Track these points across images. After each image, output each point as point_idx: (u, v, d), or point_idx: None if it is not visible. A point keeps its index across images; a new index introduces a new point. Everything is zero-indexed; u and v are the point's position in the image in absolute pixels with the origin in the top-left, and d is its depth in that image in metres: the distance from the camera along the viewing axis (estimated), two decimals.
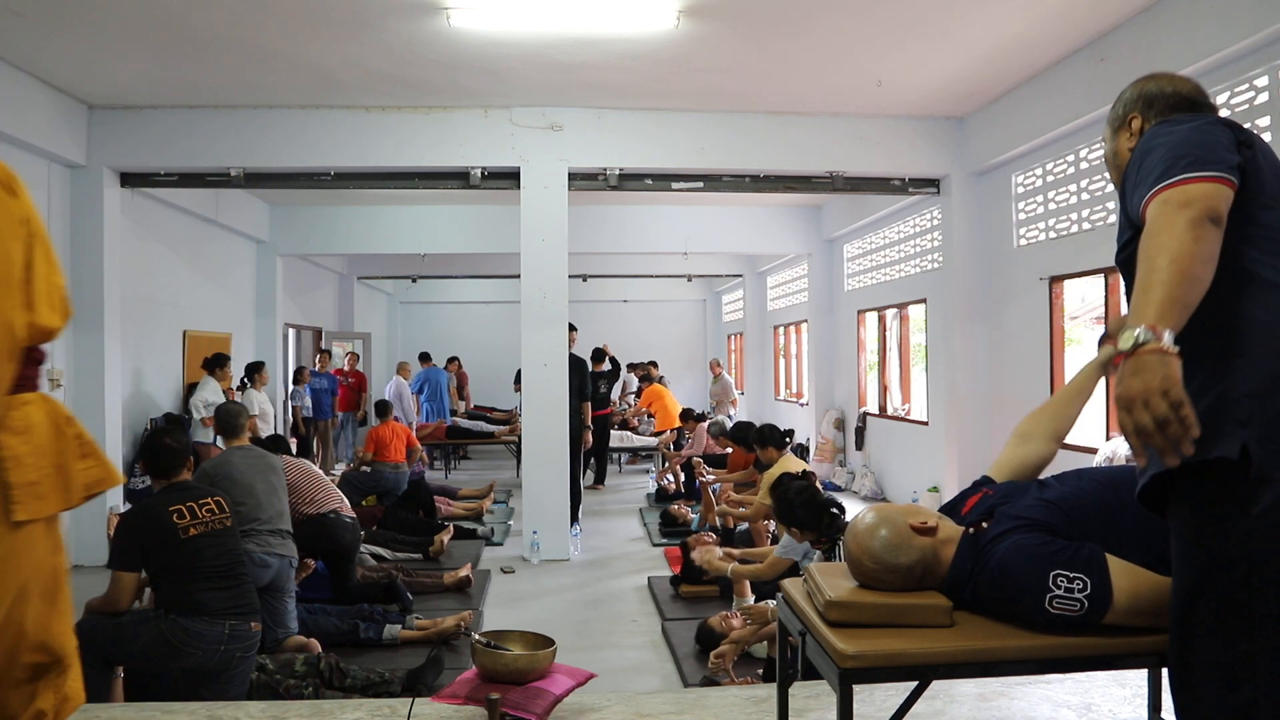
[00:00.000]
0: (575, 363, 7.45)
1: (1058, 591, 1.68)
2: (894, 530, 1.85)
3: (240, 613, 3.26)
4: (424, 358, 12.79)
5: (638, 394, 13.59)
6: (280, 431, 9.83)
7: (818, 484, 4.44)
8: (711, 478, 7.14)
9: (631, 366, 15.06)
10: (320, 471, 5.41)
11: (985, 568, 1.80)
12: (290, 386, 11.00)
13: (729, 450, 7.72)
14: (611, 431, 10.65)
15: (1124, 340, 1.31)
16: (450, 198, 9.94)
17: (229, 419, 4.36)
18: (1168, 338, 1.29)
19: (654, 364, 13.49)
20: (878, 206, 8.90)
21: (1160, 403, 1.27)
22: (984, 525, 1.89)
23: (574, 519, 7.09)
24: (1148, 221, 1.44)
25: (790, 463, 5.29)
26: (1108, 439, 5.50)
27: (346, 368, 12.09)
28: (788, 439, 5.75)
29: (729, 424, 8.85)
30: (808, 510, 3.78)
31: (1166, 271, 1.33)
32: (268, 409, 8.05)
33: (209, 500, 3.37)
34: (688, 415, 9.93)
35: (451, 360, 13.71)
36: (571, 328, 7.34)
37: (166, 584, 3.20)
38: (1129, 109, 1.79)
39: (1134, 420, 1.29)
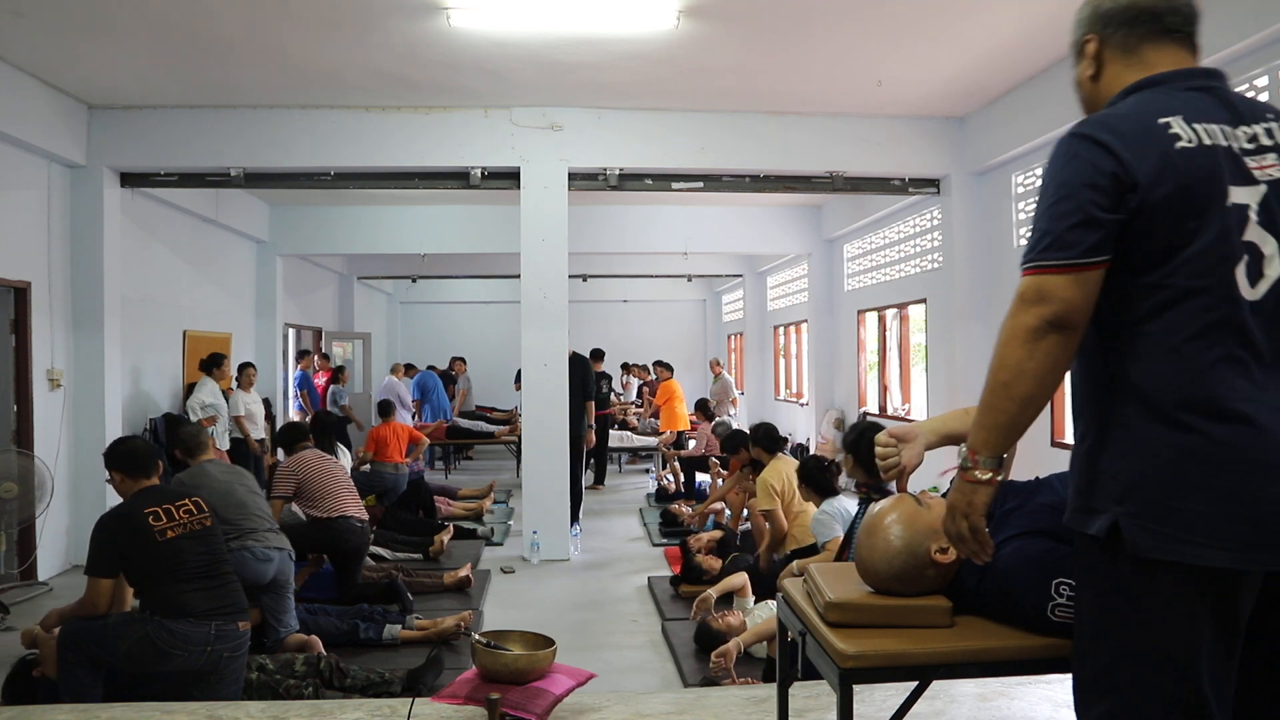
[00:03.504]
0: (576, 361, 7.46)
1: (1060, 599, 1.68)
2: (914, 559, 1.81)
3: (226, 613, 3.24)
4: (409, 368, 12.79)
5: (638, 394, 13.58)
6: (276, 428, 9.80)
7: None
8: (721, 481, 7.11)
9: (626, 368, 15.04)
10: (340, 470, 5.36)
11: (987, 575, 1.79)
12: (332, 386, 11.26)
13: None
14: (611, 431, 10.65)
15: (959, 455, 1.52)
16: (450, 198, 9.93)
17: (190, 440, 4.31)
18: (984, 466, 1.47)
19: (661, 364, 13.47)
20: (878, 206, 8.90)
21: (962, 524, 1.51)
22: None
23: (574, 519, 7.10)
24: (1008, 313, 1.43)
25: (782, 463, 5.27)
26: None
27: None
28: (781, 443, 5.68)
29: (733, 424, 8.84)
30: (870, 453, 3.85)
31: (996, 394, 1.43)
32: (255, 409, 8.03)
33: (186, 501, 3.34)
34: (703, 405, 9.89)
35: (457, 360, 13.69)
36: None
37: (149, 588, 3.18)
38: (1083, 30, 1.62)
39: (949, 526, 1.54)
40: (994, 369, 1.44)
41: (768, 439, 5.54)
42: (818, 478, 4.43)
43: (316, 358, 11.82)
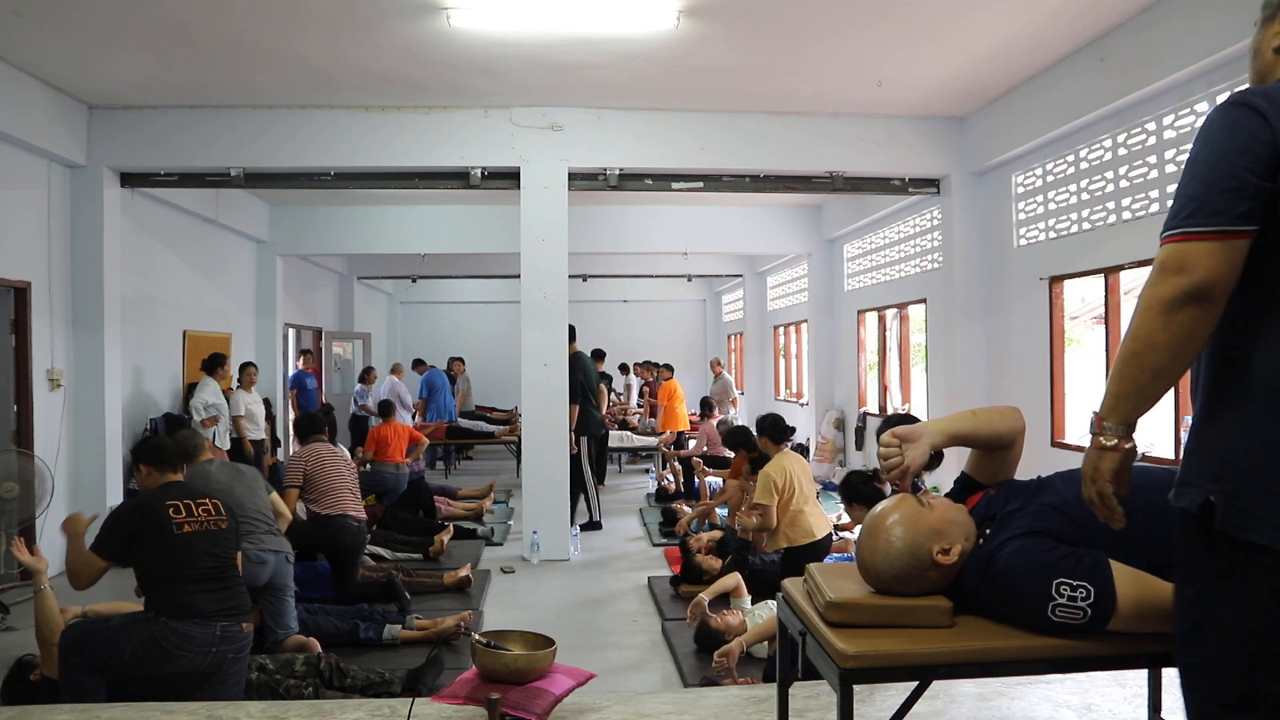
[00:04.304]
0: (578, 361, 7.58)
1: (1060, 600, 1.67)
2: (915, 560, 1.81)
3: (231, 614, 3.24)
4: (418, 363, 12.77)
5: (641, 394, 13.56)
6: (277, 429, 9.83)
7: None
8: (712, 476, 7.09)
9: (623, 368, 15.02)
10: (348, 468, 5.36)
11: (988, 575, 1.79)
12: (358, 385, 11.38)
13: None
14: (611, 431, 10.64)
15: (1090, 423, 1.48)
16: (450, 198, 9.94)
17: (185, 443, 4.21)
18: (1110, 432, 1.44)
19: (662, 365, 13.44)
20: (878, 206, 8.90)
21: (1090, 489, 1.49)
22: (986, 531, 1.88)
23: (589, 518, 7.52)
24: (1147, 281, 1.38)
25: (787, 459, 5.23)
26: None
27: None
28: (788, 434, 5.63)
29: (734, 423, 8.80)
30: None
31: (1126, 363, 1.39)
32: (256, 409, 8.04)
33: (206, 501, 3.35)
34: (706, 404, 9.86)
35: (456, 360, 13.67)
36: (573, 335, 7.56)
37: (158, 586, 3.18)
38: None
39: (1082, 491, 1.52)
40: (1128, 337, 1.38)
41: (774, 430, 5.42)
42: (866, 491, 4.28)
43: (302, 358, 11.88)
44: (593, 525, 7.68)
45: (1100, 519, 1.52)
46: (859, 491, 4.31)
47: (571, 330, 7.78)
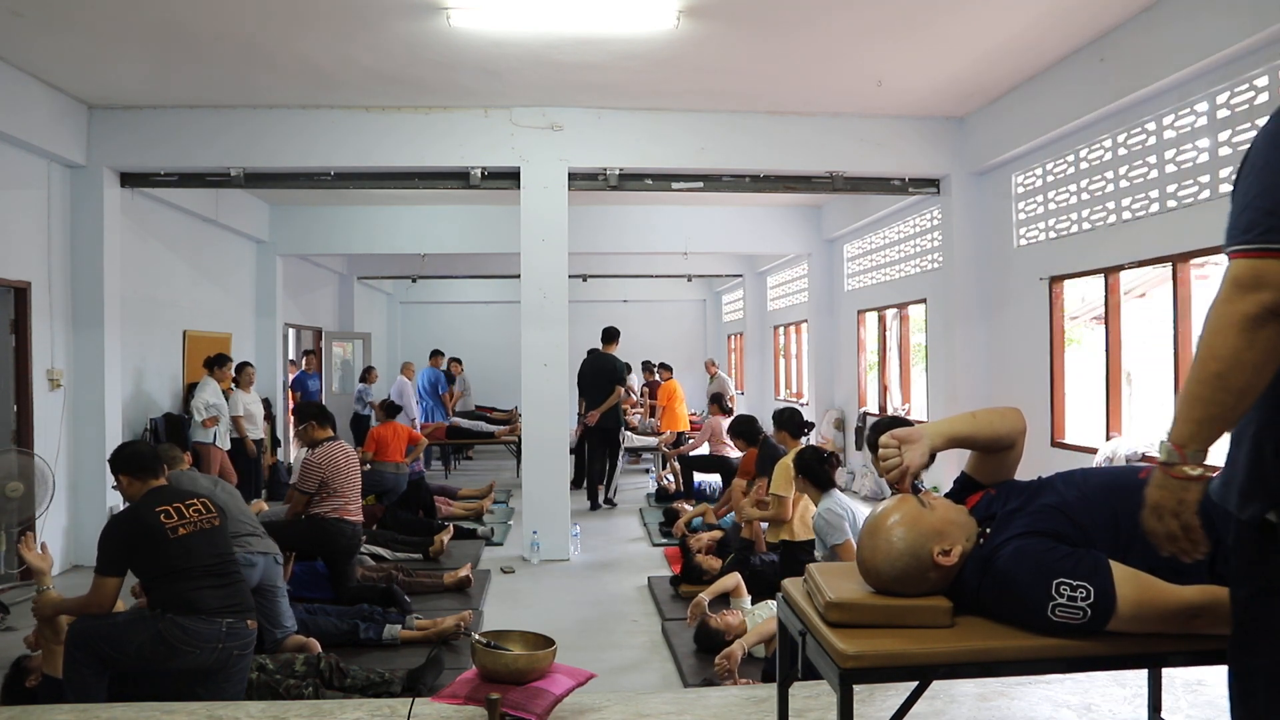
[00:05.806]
0: (614, 363, 8.26)
1: (1060, 600, 1.67)
2: (916, 561, 1.80)
3: (236, 610, 3.24)
4: (436, 355, 12.57)
5: (640, 394, 13.56)
6: (277, 429, 9.83)
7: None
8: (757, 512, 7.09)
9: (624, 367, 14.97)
10: (356, 473, 5.34)
11: (988, 575, 1.79)
12: (360, 385, 11.58)
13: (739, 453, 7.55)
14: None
15: (1161, 450, 1.40)
16: (450, 198, 9.94)
17: (163, 455, 4.18)
18: (1194, 460, 1.36)
19: (660, 366, 13.44)
20: (878, 206, 8.90)
21: (1172, 523, 1.40)
22: (986, 531, 1.88)
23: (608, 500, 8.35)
24: (1215, 298, 1.32)
25: None
26: (1107, 439, 5.50)
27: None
28: (806, 430, 5.59)
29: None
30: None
31: (1208, 385, 1.32)
32: (254, 409, 8.04)
33: (195, 501, 3.35)
34: (719, 399, 9.83)
35: (454, 360, 13.65)
36: (615, 336, 8.34)
37: (160, 585, 3.18)
38: None
39: (1155, 525, 1.43)
40: (1203, 358, 1.32)
41: (792, 423, 5.42)
42: (816, 470, 4.32)
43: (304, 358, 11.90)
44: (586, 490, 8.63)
45: (1178, 553, 1.43)
46: (810, 467, 4.35)
47: (610, 332, 8.50)
